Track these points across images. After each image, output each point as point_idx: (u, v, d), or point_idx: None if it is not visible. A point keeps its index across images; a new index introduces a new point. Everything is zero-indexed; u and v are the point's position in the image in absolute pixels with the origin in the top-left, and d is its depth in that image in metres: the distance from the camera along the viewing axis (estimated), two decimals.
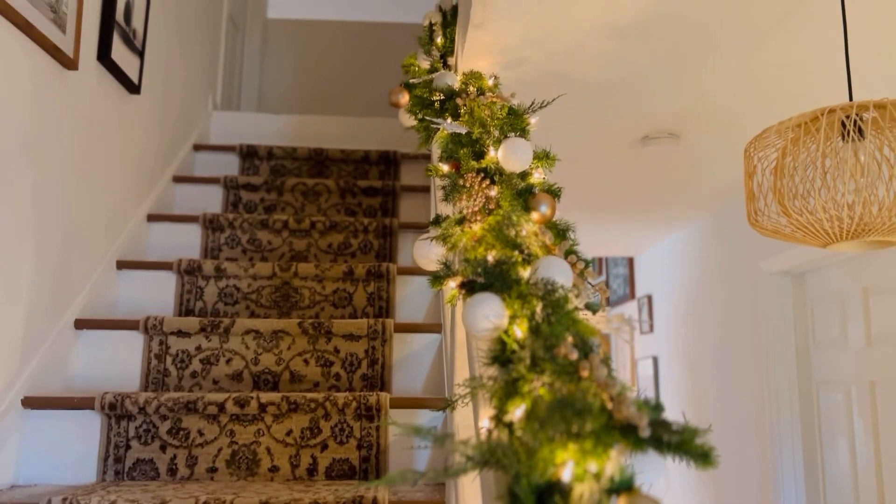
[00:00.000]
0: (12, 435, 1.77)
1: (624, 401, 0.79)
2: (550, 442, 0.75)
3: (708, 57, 2.08)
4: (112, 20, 2.27)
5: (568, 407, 0.73)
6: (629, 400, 0.79)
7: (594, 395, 0.85)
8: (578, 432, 0.73)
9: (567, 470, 0.77)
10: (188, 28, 3.25)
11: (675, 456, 0.81)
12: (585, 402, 0.75)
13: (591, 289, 1.14)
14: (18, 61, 1.76)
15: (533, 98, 1.96)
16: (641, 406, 0.93)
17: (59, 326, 2.02)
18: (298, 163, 3.28)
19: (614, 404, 0.80)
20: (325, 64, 5.02)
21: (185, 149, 3.24)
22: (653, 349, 4.98)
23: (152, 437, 1.83)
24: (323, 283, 2.40)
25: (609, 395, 0.82)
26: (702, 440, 0.79)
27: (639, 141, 2.73)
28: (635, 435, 0.79)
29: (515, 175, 1.44)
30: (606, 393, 0.82)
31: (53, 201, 1.97)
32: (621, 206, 3.92)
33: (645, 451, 0.80)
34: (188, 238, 2.70)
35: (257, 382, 2.10)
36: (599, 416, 0.74)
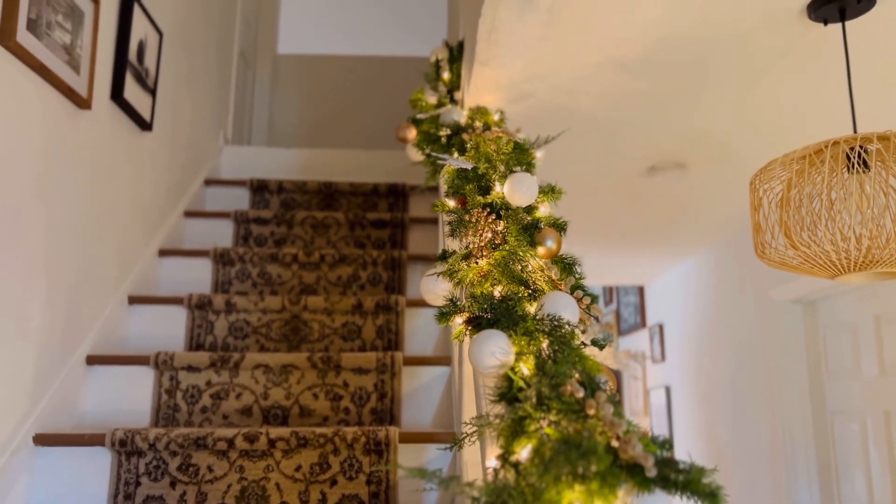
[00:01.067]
0: (23, 473, 1.77)
1: (630, 440, 0.78)
2: (556, 483, 0.75)
3: (707, 92, 2.10)
4: (125, 60, 2.31)
5: (573, 448, 0.73)
6: (635, 439, 0.79)
7: (601, 434, 0.85)
8: (584, 473, 0.73)
9: None
10: (199, 66, 3.31)
11: (682, 495, 0.81)
12: (591, 442, 0.75)
13: (597, 324, 1.15)
14: (33, 102, 1.80)
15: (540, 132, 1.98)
16: (648, 444, 0.93)
17: (70, 363, 2.03)
18: (308, 196, 3.31)
19: (620, 444, 0.80)
20: (334, 98, 5.08)
21: (197, 183, 3.28)
22: (665, 378, 4.94)
23: (162, 474, 1.83)
24: (332, 316, 2.41)
25: (615, 434, 0.82)
26: (708, 479, 0.79)
27: (646, 171, 2.75)
28: (642, 474, 0.79)
29: (521, 209, 1.45)
30: (612, 432, 0.82)
31: (66, 239, 2.00)
32: (630, 235, 3.92)
33: (652, 491, 0.80)
34: (199, 272, 2.73)
35: (267, 417, 2.10)
36: (605, 457, 0.74)
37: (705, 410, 4.25)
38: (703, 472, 0.77)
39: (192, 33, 3.15)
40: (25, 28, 1.72)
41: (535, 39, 1.77)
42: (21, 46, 1.69)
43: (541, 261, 1.26)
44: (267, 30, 5.11)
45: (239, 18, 4.19)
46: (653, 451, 0.96)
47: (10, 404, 1.74)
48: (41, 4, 1.79)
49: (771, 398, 3.46)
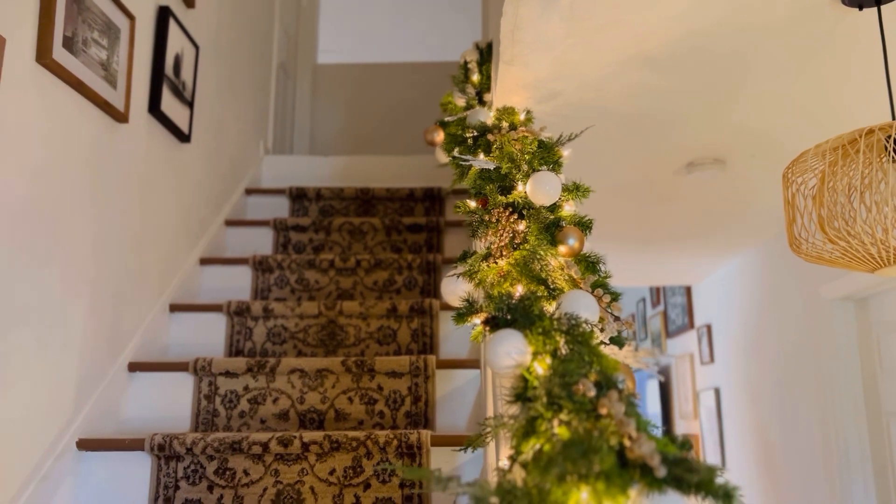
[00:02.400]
0: (68, 476, 1.82)
1: (639, 439, 0.76)
2: (561, 483, 0.74)
3: (743, 85, 2.05)
4: (161, 74, 2.37)
5: (574, 447, 0.72)
6: (644, 438, 0.77)
7: (612, 434, 0.83)
8: (586, 473, 0.71)
9: None
10: (238, 78, 3.37)
11: (696, 496, 0.79)
12: (593, 441, 0.73)
13: (617, 323, 1.12)
14: (71, 117, 1.86)
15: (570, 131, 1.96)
16: (666, 444, 0.90)
17: (113, 370, 2.09)
18: (346, 202, 3.34)
19: (631, 443, 0.78)
20: (372, 105, 5.12)
21: (238, 193, 3.34)
22: (714, 380, 4.83)
23: (200, 478, 1.86)
24: (367, 321, 2.42)
25: (626, 433, 0.80)
26: (723, 479, 0.76)
27: (683, 168, 2.69)
28: (653, 475, 0.76)
29: (544, 208, 1.43)
30: (622, 431, 0.80)
31: (107, 249, 2.06)
32: (673, 234, 3.85)
33: (664, 492, 0.77)
34: (239, 280, 2.77)
35: (303, 421, 2.12)
36: (609, 456, 0.72)
37: (755, 412, 4.14)
38: (715, 471, 0.74)
39: (229, 47, 3.22)
40: (62, 46, 1.77)
41: (558, 37, 1.75)
42: (58, 63, 1.75)
43: (562, 259, 1.24)
44: (306, 41, 5.18)
45: (277, 31, 4.26)
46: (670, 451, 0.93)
47: (54, 410, 1.79)
48: (77, 22, 1.85)
49: (823, 399, 3.35)
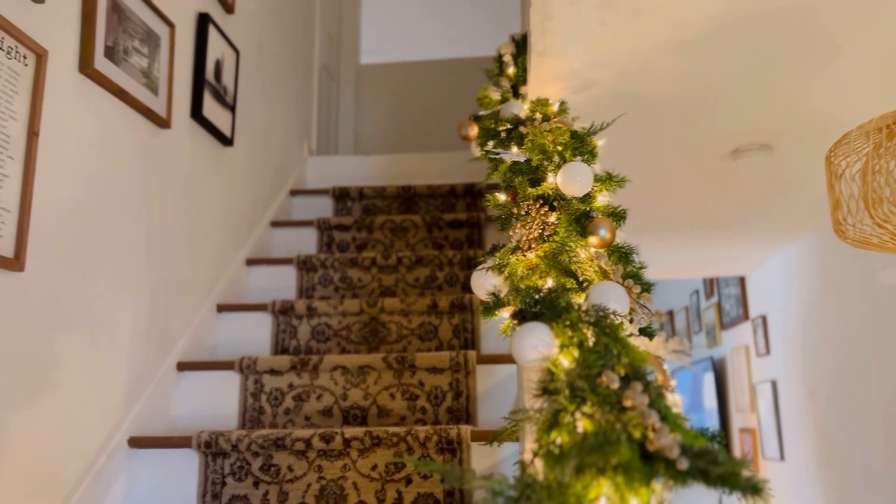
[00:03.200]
0: (121, 473, 1.88)
1: (660, 432, 0.75)
2: (580, 476, 0.72)
3: (786, 67, 1.98)
4: (202, 80, 2.42)
5: (588, 439, 0.70)
6: (665, 430, 0.75)
7: (635, 427, 0.81)
8: (604, 466, 0.70)
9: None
10: (280, 81, 3.42)
11: (723, 489, 0.77)
12: (609, 434, 0.72)
13: (648, 313, 1.10)
14: (115, 124, 1.91)
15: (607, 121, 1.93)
16: (694, 437, 0.88)
17: (162, 369, 2.14)
18: (388, 201, 3.36)
19: (652, 435, 0.76)
20: (413, 103, 5.14)
21: (282, 194, 3.39)
22: (771, 372, 4.70)
23: (246, 474, 1.90)
24: (409, 317, 2.43)
25: (649, 425, 0.78)
26: (749, 472, 0.74)
27: (729, 155, 2.62)
28: (676, 467, 0.74)
29: (576, 200, 1.41)
30: (644, 423, 0.79)
31: (154, 252, 2.11)
32: (723, 223, 3.75)
33: (688, 485, 0.75)
34: (284, 279, 2.82)
35: (346, 418, 2.14)
36: (626, 449, 0.71)
37: (813, 405, 4.00)
38: (741, 464, 0.72)
39: (271, 51, 3.26)
40: (103, 55, 1.83)
41: (591, 24, 1.72)
42: (100, 73, 1.80)
43: (592, 251, 1.22)
44: (349, 43, 5.23)
45: (318, 34, 4.31)
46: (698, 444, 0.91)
47: (105, 409, 1.85)
48: (118, 32, 1.90)
49: (885, 391, 3.22)
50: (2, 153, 1.46)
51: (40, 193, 1.58)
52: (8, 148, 1.48)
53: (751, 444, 5.13)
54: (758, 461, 4.98)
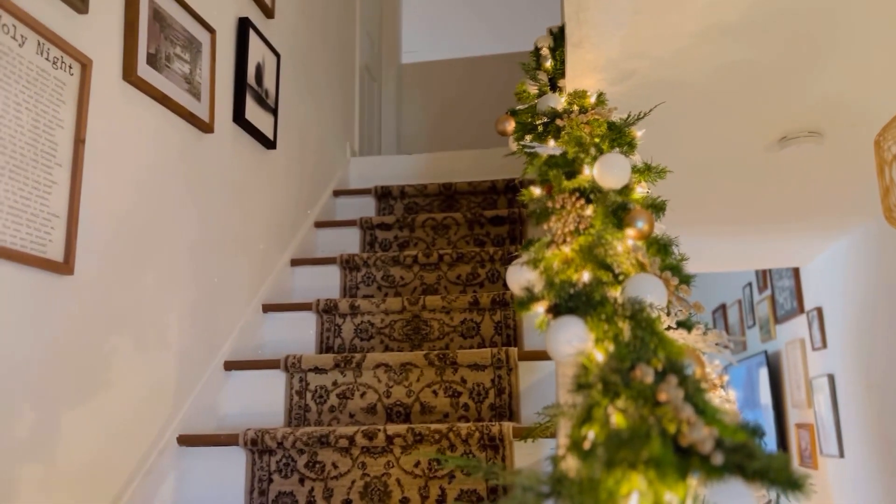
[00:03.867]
0: (171, 471, 1.93)
1: (694, 426, 0.73)
2: (611, 471, 0.71)
3: (833, 52, 1.91)
4: (244, 84, 2.46)
5: (617, 434, 0.69)
6: (699, 425, 0.73)
7: (669, 421, 0.79)
8: (634, 461, 0.68)
9: (632, 502, 0.72)
10: (321, 84, 3.46)
11: (762, 485, 0.74)
12: (639, 428, 0.70)
13: (686, 306, 1.07)
14: (159, 129, 1.96)
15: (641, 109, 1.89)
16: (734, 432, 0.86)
17: (210, 369, 2.19)
18: (429, 199, 3.37)
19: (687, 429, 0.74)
20: (455, 100, 5.14)
21: (326, 195, 3.42)
22: (827, 366, 4.56)
23: (291, 471, 1.92)
24: (450, 315, 2.43)
25: (683, 419, 0.76)
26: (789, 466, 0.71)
27: (776, 143, 2.55)
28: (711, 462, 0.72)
29: (613, 192, 1.39)
30: (679, 417, 0.77)
31: (200, 254, 2.16)
32: (774, 214, 3.65)
33: (726, 480, 0.73)
34: (328, 279, 2.85)
35: (390, 415, 2.15)
36: (658, 443, 0.69)
37: (873, 400, 3.87)
38: (780, 459, 0.70)
39: (311, 53, 3.30)
40: (146, 63, 1.87)
41: (626, 13, 1.69)
42: (143, 80, 1.85)
43: (629, 243, 1.20)
44: (390, 43, 5.25)
45: (359, 36, 4.34)
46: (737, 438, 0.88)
47: (155, 408, 1.90)
48: (160, 40, 1.95)
49: None
50: (50, 160, 1.51)
51: (88, 199, 1.63)
52: (56, 155, 1.53)
53: (808, 440, 4.99)
54: (816, 458, 4.83)
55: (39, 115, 1.49)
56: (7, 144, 1.40)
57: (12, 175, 1.41)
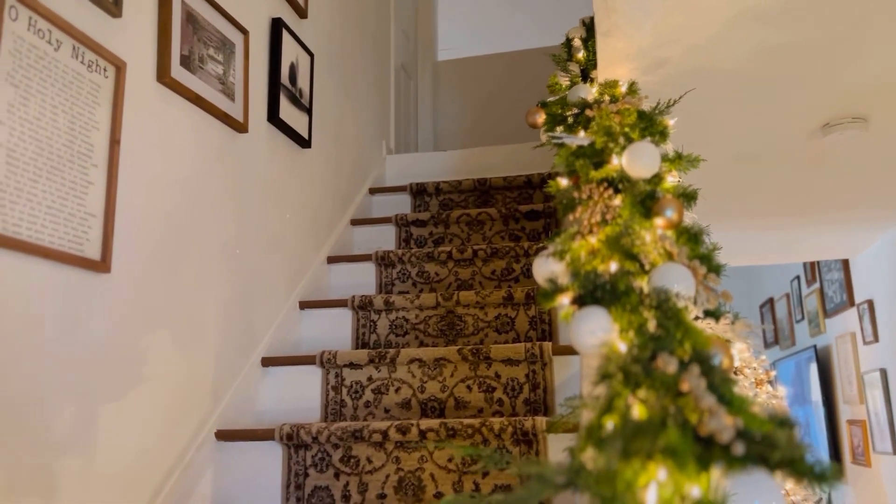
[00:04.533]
0: (209, 465, 1.96)
1: (714, 415, 0.71)
2: (628, 461, 0.70)
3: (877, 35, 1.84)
4: (277, 84, 2.49)
5: (634, 423, 0.67)
6: (721, 414, 0.71)
7: (692, 412, 0.77)
8: (650, 450, 0.67)
9: (651, 492, 0.71)
10: (356, 82, 3.48)
11: (786, 476, 0.72)
12: (654, 417, 0.69)
13: (714, 295, 1.05)
14: (193, 130, 1.99)
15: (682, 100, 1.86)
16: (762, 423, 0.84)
17: (247, 365, 2.22)
18: (464, 195, 3.36)
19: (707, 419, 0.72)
20: (491, 96, 5.12)
21: (362, 193, 3.45)
22: (880, 361, 4.41)
23: (327, 465, 1.94)
24: (485, 310, 2.42)
25: (704, 409, 0.74)
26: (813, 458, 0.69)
27: (819, 130, 2.47)
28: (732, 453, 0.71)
29: (642, 181, 1.36)
30: (700, 407, 0.75)
31: (236, 252, 2.19)
32: (819, 204, 3.55)
33: (750, 472, 0.71)
34: (364, 276, 2.86)
35: (425, 410, 2.15)
36: (675, 433, 0.67)
37: None
38: (800, 448, 0.67)
39: (345, 52, 3.32)
40: (179, 64, 1.91)
41: (655, 1, 1.66)
42: (176, 81, 1.88)
43: (655, 233, 1.18)
44: (426, 41, 5.26)
45: (394, 34, 4.35)
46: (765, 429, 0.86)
47: (193, 403, 1.93)
48: (193, 41, 1.98)
49: None
50: (86, 161, 1.54)
51: (124, 198, 1.67)
52: (92, 156, 1.56)
53: (861, 437, 4.84)
54: (869, 455, 4.68)
55: (75, 117, 1.52)
56: (44, 147, 1.44)
57: (50, 176, 1.45)
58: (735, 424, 0.70)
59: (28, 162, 1.40)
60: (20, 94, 1.39)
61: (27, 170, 1.39)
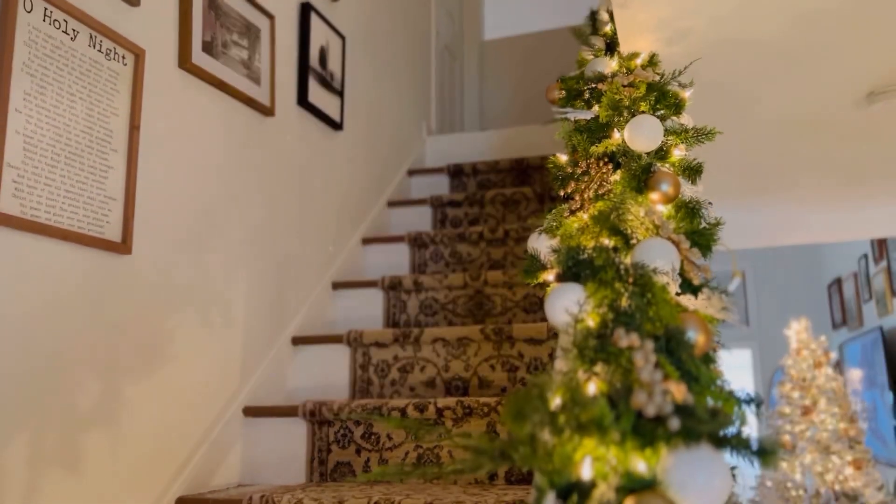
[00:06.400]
0: (237, 440, 2.02)
1: (651, 392, 0.69)
2: (560, 435, 0.69)
3: None
4: (307, 67, 2.52)
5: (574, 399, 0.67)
6: (657, 390, 0.69)
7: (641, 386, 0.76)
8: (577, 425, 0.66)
9: (586, 467, 0.70)
10: (392, 64, 3.48)
11: (734, 453, 0.70)
12: (578, 390, 0.68)
13: (698, 270, 1.02)
14: (218, 115, 2.04)
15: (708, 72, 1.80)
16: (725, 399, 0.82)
17: (278, 344, 2.27)
18: (502, 175, 3.34)
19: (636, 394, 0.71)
20: (537, 74, 5.05)
21: (400, 174, 3.46)
22: None
23: (349, 441, 1.97)
24: (513, 290, 2.41)
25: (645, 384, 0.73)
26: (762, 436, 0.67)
27: (863, 99, 2.35)
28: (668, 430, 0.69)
29: (643, 155, 1.33)
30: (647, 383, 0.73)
31: (267, 235, 2.24)
32: (879, 177, 3.38)
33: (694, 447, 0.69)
34: (398, 257, 2.89)
35: (449, 389, 2.17)
36: (602, 407, 0.66)
37: None
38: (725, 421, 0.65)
39: (381, 34, 3.33)
40: (201, 50, 1.95)
41: None
42: (198, 67, 1.93)
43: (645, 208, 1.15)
44: (472, 21, 5.22)
45: (436, 14, 4.33)
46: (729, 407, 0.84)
47: (221, 381, 1.99)
48: (215, 27, 2.02)
49: None
50: (105, 147, 1.60)
51: (145, 182, 1.72)
52: (111, 142, 1.62)
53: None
54: None
55: (94, 104, 1.58)
56: (62, 133, 1.50)
57: (68, 161, 1.51)
58: (671, 400, 0.68)
59: (46, 148, 1.46)
60: (37, 84, 1.45)
61: (45, 156, 1.46)
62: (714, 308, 0.95)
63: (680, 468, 0.67)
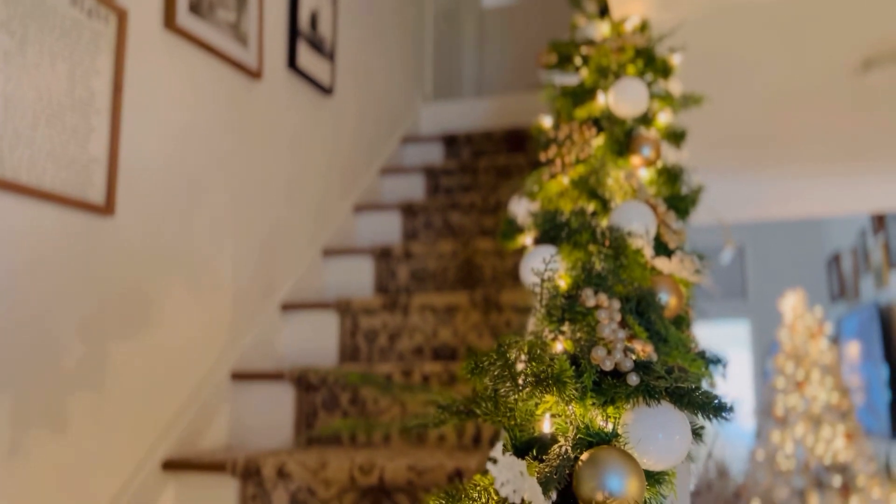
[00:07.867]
0: (224, 404, 2.03)
1: (612, 347, 0.69)
2: (520, 392, 0.69)
3: None
4: (296, 31, 2.49)
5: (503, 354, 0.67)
6: (619, 347, 0.69)
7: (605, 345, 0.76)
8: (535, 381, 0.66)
9: (545, 422, 0.70)
10: (385, 30, 3.44)
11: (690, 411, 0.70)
12: (536, 347, 0.67)
13: (673, 233, 1.01)
14: (204, 78, 2.02)
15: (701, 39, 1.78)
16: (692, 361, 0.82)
17: (268, 310, 2.28)
18: (496, 143, 3.32)
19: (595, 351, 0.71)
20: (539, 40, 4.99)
21: (393, 142, 3.44)
22: None
23: (335, 406, 1.99)
24: (503, 259, 2.41)
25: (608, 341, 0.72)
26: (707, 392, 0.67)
27: (860, 68, 2.32)
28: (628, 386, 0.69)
29: (626, 120, 1.32)
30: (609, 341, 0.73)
31: (256, 200, 2.23)
32: (873, 149, 3.36)
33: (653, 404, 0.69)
34: (390, 225, 2.88)
35: (437, 355, 2.17)
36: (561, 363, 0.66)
37: None
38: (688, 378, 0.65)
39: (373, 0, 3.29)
40: (187, 11, 1.93)
41: None
42: (183, 28, 1.90)
43: (623, 172, 1.14)
44: None
45: None
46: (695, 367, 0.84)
47: (209, 346, 2.00)
48: None
49: None
50: (87, 108, 1.59)
51: (129, 144, 1.71)
52: (94, 103, 1.61)
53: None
54: None
55: (76, 64, 1.57)
56: (43, 93, 1.49)
57: (49, 122, 1.50)
58: (629, 356, 0.68)
59: (27, 108, 1.45)
60: (16, 43, 1.43)
61: (25, 116, 1.44)
62: (687, 271, 0.95)
63: (640, 424, 0.67)
